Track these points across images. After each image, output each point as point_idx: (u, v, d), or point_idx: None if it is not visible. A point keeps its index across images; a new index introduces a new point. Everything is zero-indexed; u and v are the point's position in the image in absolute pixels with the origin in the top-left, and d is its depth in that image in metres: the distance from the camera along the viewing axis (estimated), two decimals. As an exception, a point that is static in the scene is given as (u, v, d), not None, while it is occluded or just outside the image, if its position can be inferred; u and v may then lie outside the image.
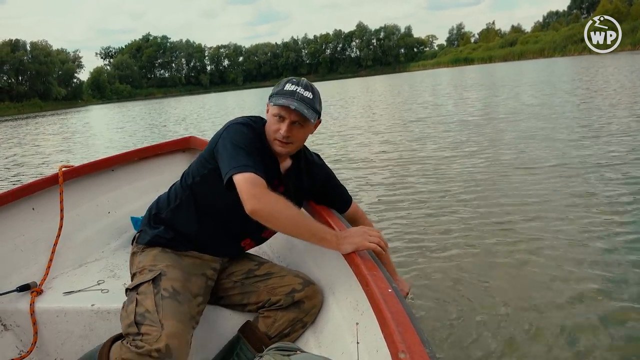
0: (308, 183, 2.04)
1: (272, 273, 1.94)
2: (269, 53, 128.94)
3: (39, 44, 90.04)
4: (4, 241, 2.29)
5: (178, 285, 1.72)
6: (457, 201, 4.79)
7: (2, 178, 9.94)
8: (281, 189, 1.91)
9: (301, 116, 1.77)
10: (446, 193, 5.13)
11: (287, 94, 1.78)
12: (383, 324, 1.28)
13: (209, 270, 1.90)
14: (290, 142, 1.82)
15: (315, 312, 1.92)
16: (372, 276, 1.49)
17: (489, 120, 10.48)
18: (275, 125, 1.81)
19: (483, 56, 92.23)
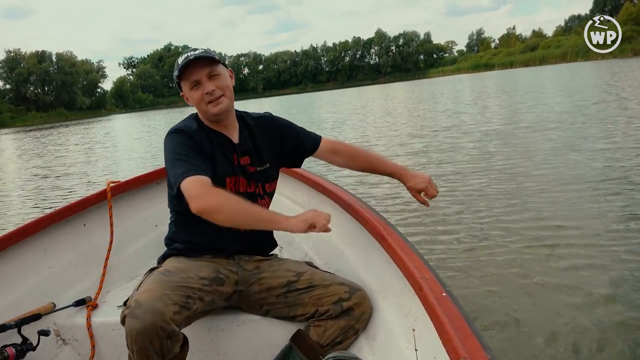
0: (266, 139, 2.02)
1: (315, 284, 1.90)
2: (289, 61, 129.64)
3: (64, 54, 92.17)
4: (59, 257, 2.35)
5: (172, 267, 1.78)
6: (489, 217, 4.72)
7: (36, 187, 10.18)
8: (247, 159, 1.94)
9: (209, 65, 1.83)
10: (475, 209, 5.05)
11: (183, 61, 1.84)
12: (441, 330, 1.26)
13: (223, 269, 1.89)
14: (220, 96, 1.85)
15: (366, 318, 1.89)
16: (425, 280, 1.48)
17: (517, 129, 10.22)
18: (197, 94, 1.85)
19: (504, 62, 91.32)
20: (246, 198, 1.86)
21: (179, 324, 1.63)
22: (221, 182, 1.85)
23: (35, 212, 7.71)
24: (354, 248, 2.27)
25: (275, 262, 2.03)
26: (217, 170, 1.85)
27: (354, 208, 2.18)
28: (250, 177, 1.94)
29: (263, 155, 2.00)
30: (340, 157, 2.14)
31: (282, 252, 2.71)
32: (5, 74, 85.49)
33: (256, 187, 1.96)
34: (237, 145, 1.94)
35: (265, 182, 2.00)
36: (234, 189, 1.89)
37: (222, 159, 1.89)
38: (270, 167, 2.02)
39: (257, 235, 2.01)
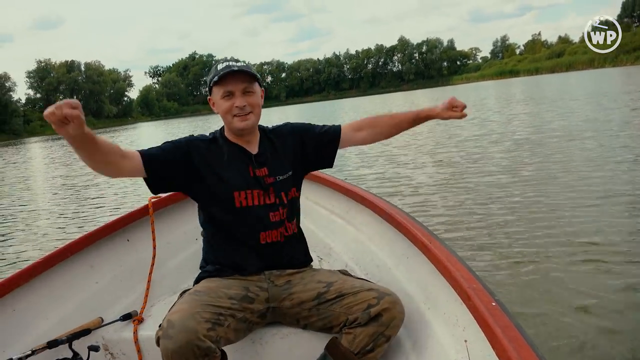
0: (286, 146, 2.02)
1: (344, 293, 1.87)
2: (311, 69, 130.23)
3: (92, 64, 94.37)
4: (104, 273, 2.40)
5: (202, 287, 1.82)
6: (521, 233, 4.65)
7: (61, 197, 10.39)
8: (265, 170, 1.93)
9: (248, 80, 1.86)
10: (509, 225, 4.95)
11: (223, 69, 1.85)
12: (494, 341, 1.23)
13: (253, 287, 1.89)
14: (249, 112, 1.88)
15: (397, 324, 1.82)
16: (474, 290, 1.46)
17: (550, 138, 9.97)
18: (226, 104, 1.87)
19: (529, 68, 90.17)
20: (265, 210, 1.89)
21: (214, 340, 1.64)
22: (229, 196, 1.88)
23: (61, 222, 7.86)
24: (395, 257, 2.26)
25: (307, 274, 2.00)
26: (224, 186, 1.88)
27: (394, 217, 2.17)
28: (268, 188, 1.92)
29: (284, 163, 1.99)
30: (363, 131, 2.09)
31: (321, 263, 2.71)
32: (36, 84, 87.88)
33: (276, 198, 1.94)
34: (255, 157, 1.94)
35: (288, 191, 1.98)
36: (245, 203, 1.89)
37: (234, 172, 1.90)
38: (293, 174, 2.01)
39: (289, 254, 2.00)
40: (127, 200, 9.06)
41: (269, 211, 1.91)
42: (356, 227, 2.67)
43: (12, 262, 5.73)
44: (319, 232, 2.88)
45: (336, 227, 2.85)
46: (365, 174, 8.27)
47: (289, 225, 1.98)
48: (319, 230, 2.90)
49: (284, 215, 1.95)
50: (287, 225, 1.97)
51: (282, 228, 1.95)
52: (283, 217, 1.95)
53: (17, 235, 7.21)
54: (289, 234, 1.98)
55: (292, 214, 2.01)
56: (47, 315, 2.13)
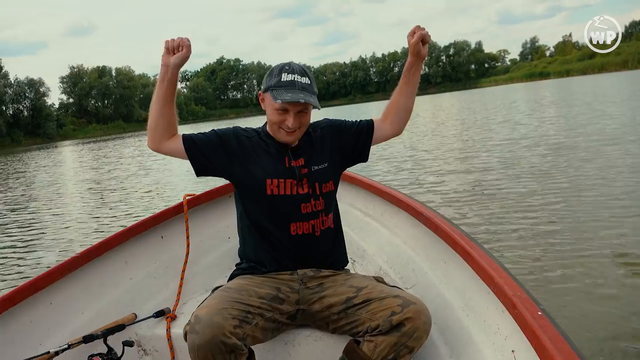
0: (324, 140, 2.03)
1: (372, 298, 1.81)
2: (337, 72, 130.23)
3: (123, 69, 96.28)
4: (139, 269, 2.42)
5: (233, 284, 1.82)
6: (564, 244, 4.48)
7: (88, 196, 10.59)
8: (301, 160, 1.94)
9: (305, 104, 1.84)
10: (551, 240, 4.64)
11: (288, 84, 1.83)
12: (541, 351, 1.20)
13: (284, 288, 1.87)
14: (297, 129, 1.89)
15: (421, 337, 1.73)
16: (519, 298, 1.40)
17: (586, 143, 9.56)
18: (278, 117, 1.87)
19: (560, 70, 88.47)
20: (296, 200, 1.89)
21: (241, 337, 1.63)
22: (261, 183, 1.89)
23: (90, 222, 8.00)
24: (432, 262, 2.21)
25: (341, 277, 1.96)
26: (257, 172, 1.90)
27: (431, 220, 2.12)
28: (302, 178, 1.91)
29: (321, 155, 1.99)
30: (387, 119, 2.10)
31: (354, 266, 2.67)
32: (69, 89, 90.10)
33: (310, 188, 1.92)
34: (292, 149, 1.95)
35: (323, 182, 1.96)
36: (277, 191, 1.89)
37: (269, 161, 1.92)
38: (329, 166, 1.99)
39: (324, 251, 1.98)
40: (158, 203, 9.19)
41: (300, 202, 1.90)
42: (391, 230, 2.62)
43: (38, 264, 5.85)
44: (353, 234, 2.85)
45: (370, 229, 2.81)
46: (392, 180, 8.12)
47: (324, 218, 1.95)
48: (353, 232, 2.87)
49: (317, 207, 1.93)
50: (323, 218, 1.95)
51: (316, 221, 1.93)
52: (316, 208, 1.92)
53: (46, 237, 7.33)
54: (324, 228, 1.95)
55: (328, 208, 1.98)
56: (82, 310, 2.15)
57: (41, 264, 5.74)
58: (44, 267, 5.44)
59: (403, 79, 2.10)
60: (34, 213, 9.66)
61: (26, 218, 9.12)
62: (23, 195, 12.70)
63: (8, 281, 5.14)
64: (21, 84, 77.39)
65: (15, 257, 6.26)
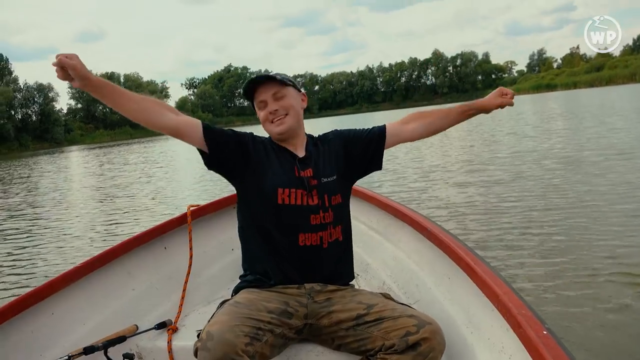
0: (332, 150, 2.04)
1: (384, 317, 1.80)
2: (344, 82, 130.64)
3: (131, 75, 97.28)
4: (142, 280, 2.41)
5: (241, 299, 1.80)
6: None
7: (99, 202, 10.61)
8: (309, 171, 1.94)
9: (276, 86, 1.91)
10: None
11: (247, 84, 1.95)
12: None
13: (292, 302, 1.86)
14: (283, 115, 1.92)
15: (436, 357, 1.73)
16: (523, 316, 1.39)
17: (597, 157, 9.31)
18: (263, 113, 1.95)
19: (567, 82, 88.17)
20: (305, 211, 1.89)
21: (251, 355, 1.61)
22: (273, 192, 1.89)
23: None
24: (436, 277, 2.18)
25: (348, 293, 1.95)
26: (270, 181, 1.90)
27: (436, 235, 2.10)
28: (311, 189, 1.92)
29: (329, 167, 1.99)
30: (413, 123, 2.10)
31: (358, 280, 2.65)
32: (78, 94, 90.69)
33: (319, 200, 1.92)
34: (300, 159, 1.97)
35: (331, 195, 1.95)
36: (287, 201, 1.89)
37: (280, 170, 1.93)
38: (337, 178, 1.99)
39: (331, 264, 1.96)
40: (161, 209, 9.19)
41: (310, 213, 1.90)
42: (395, 244, 2.61)
43: (39, 273, 5.85)
44: (357, 248, 2.82)
45: (374, 243, 2.79)
46: (396, 192, 7.98)
47: (332, 231, 1.95)
48: (357, 245, 2.84)
49: (325, 219, 1.92)
50: (331, 230, 1.94)
51: (324, 232, 1.92)
52: (325, 220, 1.92)
53: (48, 245, 7.31)
54: (331, 240, 1.94)
55: (337, 220, 1.97)
56: (84, 320, 2.14)
57: (35, 274, 5.72)
58: (41, 277, 5.43)
59: (458, 110, 2.12)
60: (35, 220, 9.68)
61: (26, 225, 9.13)
62: (23, 202, 12.75)
63: (9, 290, 5.13)
64: (30, 88, 78.15)
65: (12, 265, 6.25)
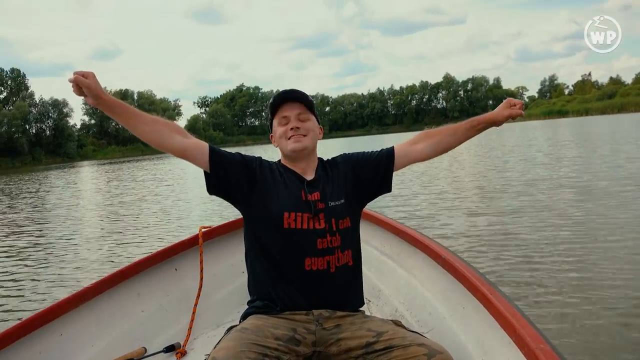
0: (340, 174, 2.02)
1: (394, 345, 1.74)
2: (355, 103, 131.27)
3: (144, 93, 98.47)
4: (151, 302, 2.39)
5: (249, 325, 1.77)
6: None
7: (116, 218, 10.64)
8: (317, 195, 1.92)
9: (303, 108, 1.93)
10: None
11: (278, 95, 1.96)
12: None
13: (300, 329, 1.82)
14: (303, 134, 1.93)
15: None
16: (542, 350, 1.35)
17: (616, 187, 8.93)
18: (282, 128, 1.95)
19: (579, 109, 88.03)
20: (312, 235, 1.86)
21: None
22: (279, 216, 1.87)
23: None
24: (450, 306, 2.14)
25: (358, 319, 1.90)
26: (276, 205, 1.88)
27: (450, 262, 2.06)
28: (318, 213, 1.89)
29: (337, 190, 1.97)
30: (421, 143, 2.08)
31: (369, 306, 2.61)
32: (91, 110, 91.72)
33: (326, 223, 1.89)
34: (308, 182, 1.95)
35: (339, 218, 1.93)
36: (293, 225, 1.87)
37: (286, 193, 1.91)
38: (346, 202, 1.97)
39: (339, 289, 1.92)
40: (169, 229, 9.19)
41: (316, 237, 1.87)
42: (408, 271, 2.57)
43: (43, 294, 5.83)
44: (368, 273, 2.79)
45: (386, 269, 2.76)
46: (406, 218, 7.80)
47: (340, 255, 1.91)
48: (368, 271, 2.81)
49: (332, 243, 1.89)
50: (338, 255, 1.91)
51: (331, 257, 1.89)
52: (332, 245, 1.89)
53: (53, 265, 7.24)
54: (339, 265, 1.91)
55: (345, 245, 1.94)
56: (92, 342, 2.12)
57: (39, 294, 5.71)
58: (40, 297, 5.39)
59: (466, 125, 2.09)
60: (40, 237, 9.69)
61: (32, 242, 9.13)
62: (29, 218, 12.81)
63: (13, 312, 5.10)
64: (45, 104, 79.26)
65: (15, 287, 6.21)
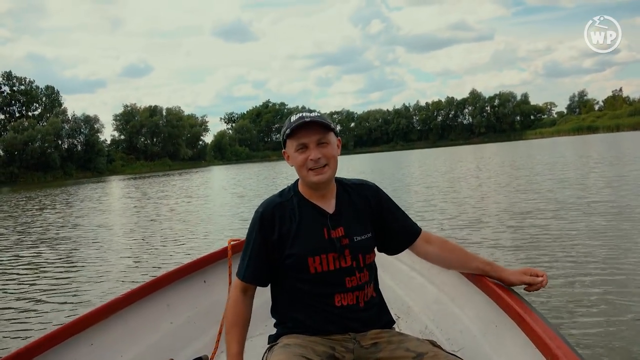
0: (367, 207, 1.92)
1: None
2: (380, 119, 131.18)
3: (173, 109, 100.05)
4: (179, 313, 2.40)
5: (290, 342, 1.75)
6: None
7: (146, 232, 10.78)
8: (341, 230, 1.84)
9: (321, 131, 1.80)
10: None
11: (296, 121, 1.81)
12: None
13: (338, 347, 1.79)
14: (324, 165, 1.81)
15: None
16: None
17: None
18: (301, 157, 1.81)
19: (609, 124, 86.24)
20: (339, 274, 1.80)
21: None
22: (304, 263, 1.80)
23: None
24: (482, 324, 2.09)
25: (395, 338, 1.86)
26: (299, 252, 1.81)
27: (482, 279, 2.01)
28: (343, 250, 1.83)
29: (363, 223, 1.90)
30: (432, 247, 2.00)
31: (399, 323, 2.57)
32: (121, 126, 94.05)
33: (353, 260, 1.84)
34: (331, 217, 1.86)
35: (366, 253, 1.87)
36: (320, 269, 1.80)
37: (308, 237, 1.83)
38: (372, 236, 1.91)
39: (369, 315, 1.89)
40: (199, 244, 9.25)
41: (344, 276, 1.83)
42: (438, 287, 2.52)
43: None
44: (398, 290, 2.76)
45: (416, 285, 2.71)
46: (433, 231, 7.79)
47: (368, 290, 1.88)
48: (398, 287, 2.78)
49: (361, 279, 1.85)
50: (366, 290, 1.87)
51: (360, 292, 1.85)
52: (361, 281, 1.85)
53: (80, 276, 7.35)
54: (367, 299, 1.88)
55: (371, 278, 1.91)
56: (122, 352, 2.13)
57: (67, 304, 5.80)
58: (74, 307, 5.48)
59: (480, 266, 2.01)
60: (71, 251, 9.89)
61: (60, 256, 9.32)
62: (61, 230, 13.07)
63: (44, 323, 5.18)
64: (77, 120, 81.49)
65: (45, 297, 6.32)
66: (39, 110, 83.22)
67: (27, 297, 6.21)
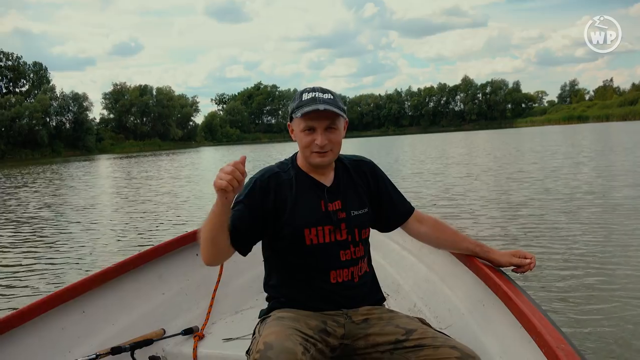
0: (364, 183, 1.94)
1: (425, 344, 1.73)
2: (372, 104, 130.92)
3: (163, 89, 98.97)
4: (171, 285, 2.42)
5: (283, 315, 1.76)
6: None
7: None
8: (338, 204, 1.84)
9: (332, 118, 1.77)
10: None
11: (309, 101, 1.76)
12: None
13: (330, 322, 1.82)
14: (329, 150, 1.80)
15: None
16: (563, 350, 1.33)
17: None
18: (307, 139, 1.79)
19: (599, 114, 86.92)
20: (334, 247, 1.81)
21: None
22: (300, 234, 1.80)
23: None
24: (470, 303, 2.12)
25: (385, 314, 1.89)
26: (295, 222, 1.81)
27: (471, 260, 2.04)
28: (339, 223, 1.84)
29: (359, 198, 1.91)
30: (424, 227, 2.02)
31: (388, 300, 2.59)
32: (111, 105, 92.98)
33: (349, 234, 1.85)
34: (328, 189, 1.87)
35: (362, 228, 1.89)
36: (315, 240, 1.81)
37: (306, 208, 1.83)
38: (369, 211, 1.92)
39: (362, 295, 1.91)
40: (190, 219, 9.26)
41: (339, 249, 1.84)
42: (428, 266, 2.55)
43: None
44: (389, 268, 2.79)
45: (407, 263, 2.75)
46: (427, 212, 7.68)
47: (362, 265, 1.90)
48: (389, 265, 2.81)
49: (356, 254, 1.87)
50: (360, 265, 1.89)
51: (355, 268, 1.87)
52: (355, 255, 1.87)
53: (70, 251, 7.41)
54: (361, 274, 1.90)
55: (366, 254, 1.94)
56: (113, 321, 2.15)
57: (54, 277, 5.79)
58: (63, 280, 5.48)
59: (471, 247, 2.03)
60: (59, 226, 9.85)
61: (52, 229, 9.29)
62: (52, 205, 13.00)
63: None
64: (66, 97, 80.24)
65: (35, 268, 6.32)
66: (27, 87, 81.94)
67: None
